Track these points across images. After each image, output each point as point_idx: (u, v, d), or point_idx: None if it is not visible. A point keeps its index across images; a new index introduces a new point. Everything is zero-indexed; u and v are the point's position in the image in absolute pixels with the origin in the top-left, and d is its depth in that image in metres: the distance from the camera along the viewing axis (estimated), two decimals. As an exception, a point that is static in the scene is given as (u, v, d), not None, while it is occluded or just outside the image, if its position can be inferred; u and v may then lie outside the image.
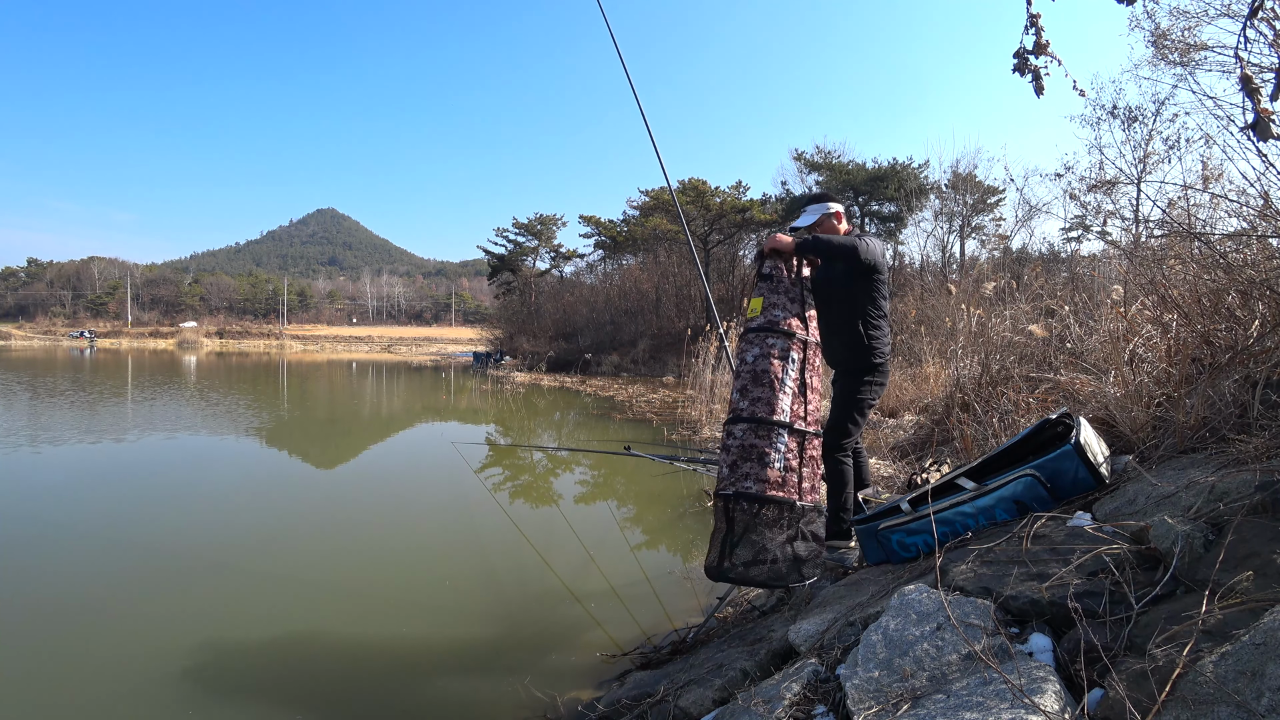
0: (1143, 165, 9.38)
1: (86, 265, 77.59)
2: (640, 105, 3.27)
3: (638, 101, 3.28)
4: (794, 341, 2.30)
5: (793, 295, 2.39)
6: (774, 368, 2.26)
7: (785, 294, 2.38)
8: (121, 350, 37.21)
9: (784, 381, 2.24)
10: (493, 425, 10.78)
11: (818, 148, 23.25)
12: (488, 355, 27.78)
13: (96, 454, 7.02)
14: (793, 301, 2.38)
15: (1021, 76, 1.60)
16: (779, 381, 2.24)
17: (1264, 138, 1.33)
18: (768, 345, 2.31)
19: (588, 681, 2.63)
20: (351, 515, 5.11)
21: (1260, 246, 2.64)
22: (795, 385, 2.26)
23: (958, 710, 1.22)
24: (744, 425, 2.25)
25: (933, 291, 11.89)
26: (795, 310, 2.37)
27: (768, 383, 2.26)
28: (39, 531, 4.40)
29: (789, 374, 2.25)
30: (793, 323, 2.34)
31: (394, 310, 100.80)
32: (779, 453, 2.19)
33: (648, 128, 3.24)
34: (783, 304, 2.36)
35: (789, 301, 2.37)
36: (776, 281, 2.42)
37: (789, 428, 2.22)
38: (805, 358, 2.32)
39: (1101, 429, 2.67)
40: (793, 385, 2.26)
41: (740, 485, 2.22)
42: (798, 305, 2.38)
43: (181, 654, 2.81)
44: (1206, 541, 1.48)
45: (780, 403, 2.22)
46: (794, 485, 2.20)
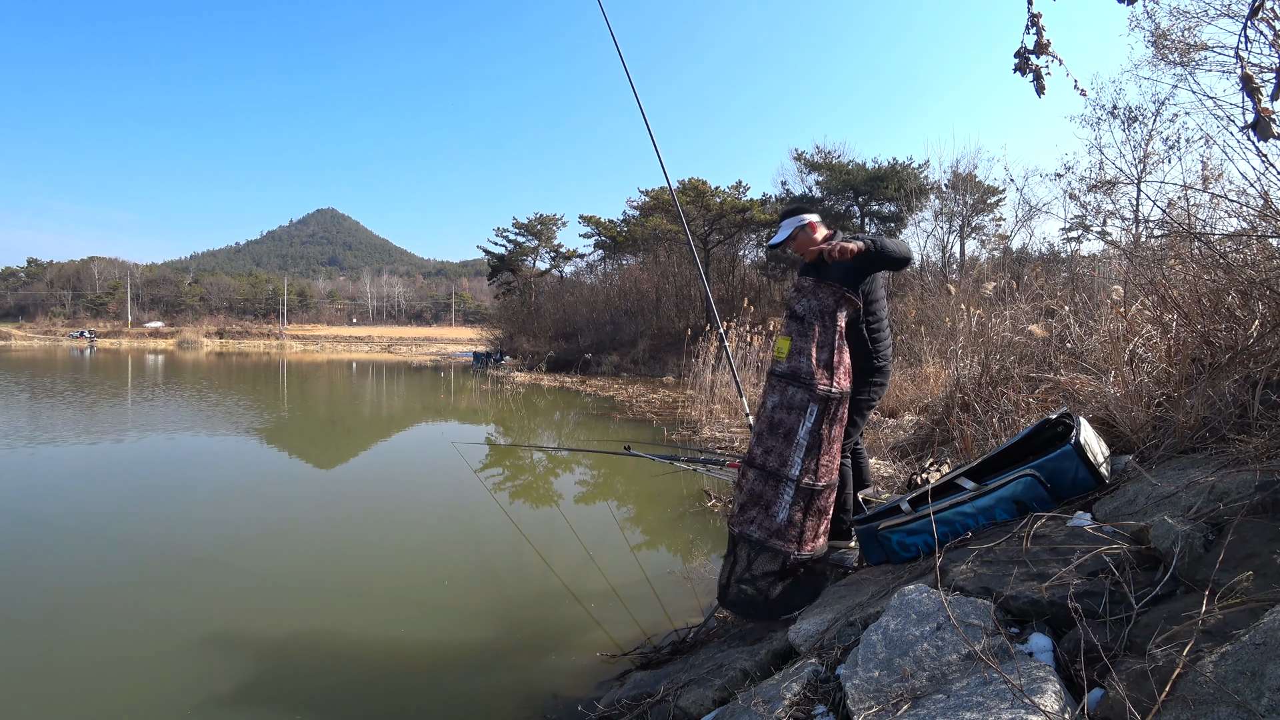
0: (1143, 165, 9.38)
1: (86, 265, 77.60)
2: (640, 105, 3.27)
3: (638, 101, 3.29)
4: (814, 396, 2.19)
5: (823, 342, 2.24)
6: (789, 420, 2.21)
7: (815, 341, 2.24)
8: (121, 350, 37.21)
9: (798, 436, 2.19)
10: (493, 425, 10.78)
11: (818, 148, 23.26)
12: (488, 355, 27.78)
13: (96, 454, 7.02)
14: (821, 349, 2.23)
15: (1023, 76, 1.60)
16: (793, 434, 2.19)
17: (1264, 137, 1.33)
18: (787, 395, 2.23)
19: (588, 681, 2.63)
20: (351, 515, 5.11)
21: (1260, 246, 2.64)
22: (809, 439, 2.19)
23: (958, 710, 1.22)
24: (755, 471, 2.26)
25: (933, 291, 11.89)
26: (824, 359, 2.22)
27: (782, 435, 2.22)
28: (39, 531, 4.40)
29: (804, 427, 2.19)
30: (818, 374, 2.21)
31: (394, 310, 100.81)
32: (784, 505, 2.20)
33: (648, 127, 3.24)
34: (809, 351, 2.23)
35: (817, 349, 2.23)
36: (808, 325, 2.28)
37: (797, 483, 2.19)
38: (825, 410, 2.20)
39: (1101, 429, 2.67)
40: (806, 439, 2.19)
41: (745, 528, 2.27)
42: (827, 353, 2.22)
43: (181, 653, 2.81)
44: (1206, 541, 1.48)
45: (792, 457, 2.19)
46: (794, 537, 2.21)
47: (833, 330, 2.27)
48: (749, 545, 2.27)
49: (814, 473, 2.21)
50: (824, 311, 2.28)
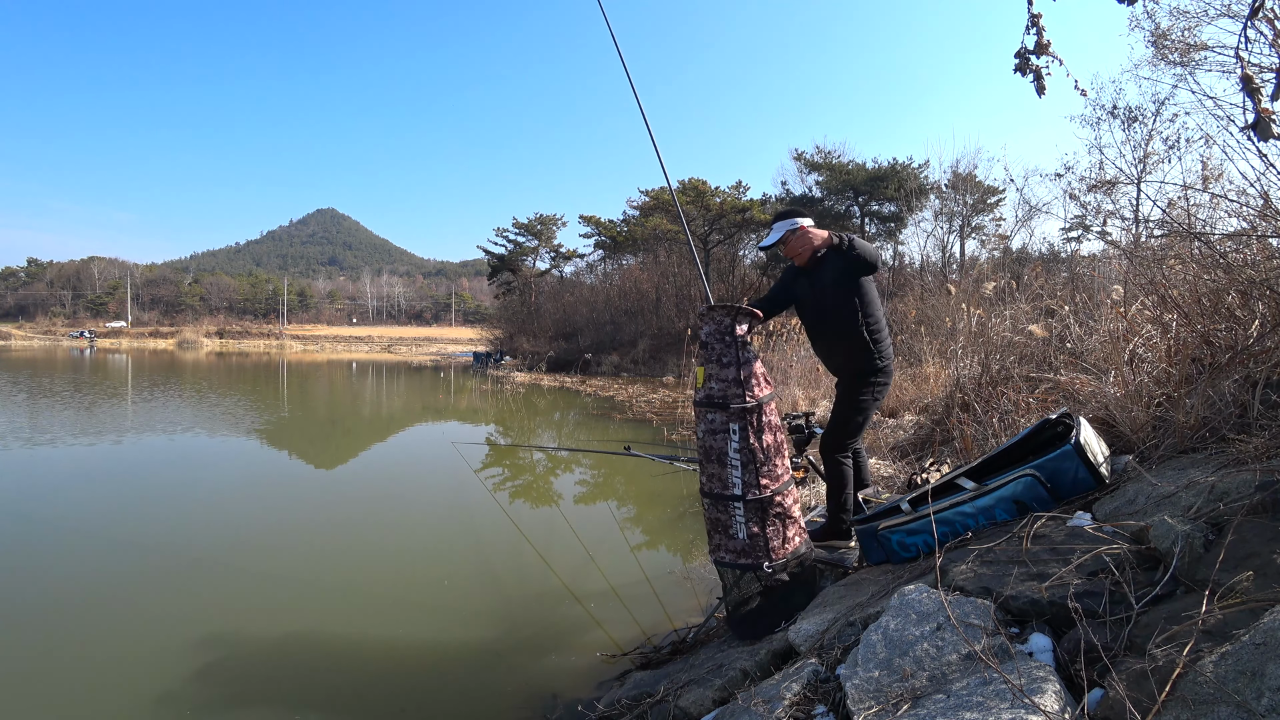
0: (1143, 165, 9.38)
1: (86, 265, 77.59)
2: (640, 105, 3.27)
3: (638, 101, 3.28)
4: (731, 412, 2.25)
5: (727, 359, 2.30)
6: (717, 444, 2.28)
7: (719, 360, 2.31)
8: (121, 350, 37.20)
9: (729, 456, 2.25)
10: (493, 425, 10.78)
11: (818, 148, 23.26)
12: (488, 355, 27.77)
13: (96, 454, 7.02)
14: (726, 366, 2.29)
15: (1023, 76, 1.60)
16: (725, 457, 2.26)
17: (1264, 137, 1.33)
18: (709, 420, 2.30)
19: (588, 681, 2.63)
20: (351, 515, 5.11)
21: (1260, 246, 2.64)
22: (740, 456, 2.24)
23: (958, 710, 1.22)
24: (708, 500, 2.34)
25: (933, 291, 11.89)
26: (732, 375, 2.28)
27: (715, 458, 2.28)
28: (39, 531, 4.40)
29: (731, 447, 2.25)
30: (730, 391, 2.27)
31: (394, 310, 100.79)
32: (739, 524, 2.26)
33: (648, 127, 3.24)
34: (718, 374, 2.30)
35: (722, 368, 2.30)
36: (711, 348, 2.34)
37: (743, 500, 2.25)
38: (747, 424, 2.25)
39: (1101, 429, 2.67)
40: (737, 457, 2.24)
41: (717, 555, 2.35)
42: (733, 369, 2.29)
43: (181, 653, 2.81)
44: (1206, 541, 1.48)
45: (730, 477, 2.25)
46: (760, 549, 2.26)
47: (734, 345, 2.32)
48: (728, 570, 2.34)
49: (756, 485, 2.25)
50: (723, 331, 2.33)
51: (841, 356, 2.77)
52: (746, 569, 2.27)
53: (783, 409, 8.28)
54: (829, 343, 2.81)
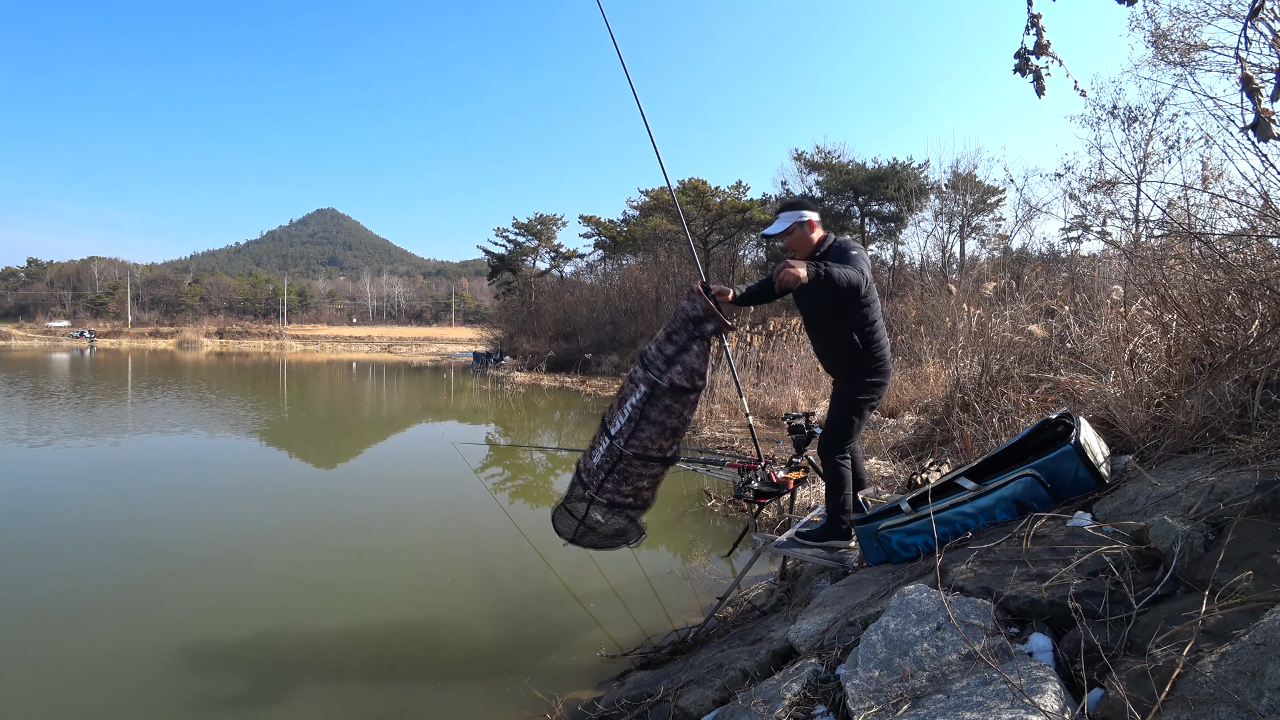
0: (1143, 165, 9.37)
1: (86, 265, 77.58)
2: (640, 105, 3.27)
3: (637, 101, 3.28)
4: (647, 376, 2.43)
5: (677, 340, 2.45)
6: (625, 390, 2.51)
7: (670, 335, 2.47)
8: (121, 350, 37.21)
9: (625, 406, 2.47)
10: (493, 425, 10.78)
11: (818, 148, 23.26)
12: (488, 355, 27.77)
13: (96, 454, 7.01)
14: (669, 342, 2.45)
15: (1023, 77, 1.60)
16: (623, 403, 2.48)
17: (1264, 138, 1.33)
18: (633, 369, 2.52)
19: (588, 681, 2.63)
20: (352, 515, 5.11)
21: (1260, 246, 2.64)
22: (633, 412, 2.44)
23: (958, 710, 1.22)
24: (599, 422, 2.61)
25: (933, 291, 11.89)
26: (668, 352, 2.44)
27: (618, 401, 2.52)
28: (39, 531, 4.40)
29: (631, 401, 2.46)
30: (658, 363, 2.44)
31: (394, 310, 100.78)
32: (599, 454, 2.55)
33: (648, 127, 3.24)
34: (661, 341, 2.47)
35: (665, 340, 2.46)
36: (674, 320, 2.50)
37: (611, 443, 2.48)
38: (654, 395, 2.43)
39: (1101, 429, 2.67)
40: (631, 411, 2.44)
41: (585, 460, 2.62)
42: (671, 347, 2.45)
43: (181, 653, 2.81)
44: (1206, 541, 1.48)
45: (617, 420, 2.49)
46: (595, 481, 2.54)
47: (688, 334, 2.45)
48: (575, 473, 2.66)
49: (624, 440, 2.46)
50: (690, 315, 2.46)
51: (835, 358, 2.76)
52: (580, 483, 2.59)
53: (782, 409, 8.28)
54: (824, 343, 2.81)
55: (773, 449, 5.74)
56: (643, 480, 2.53)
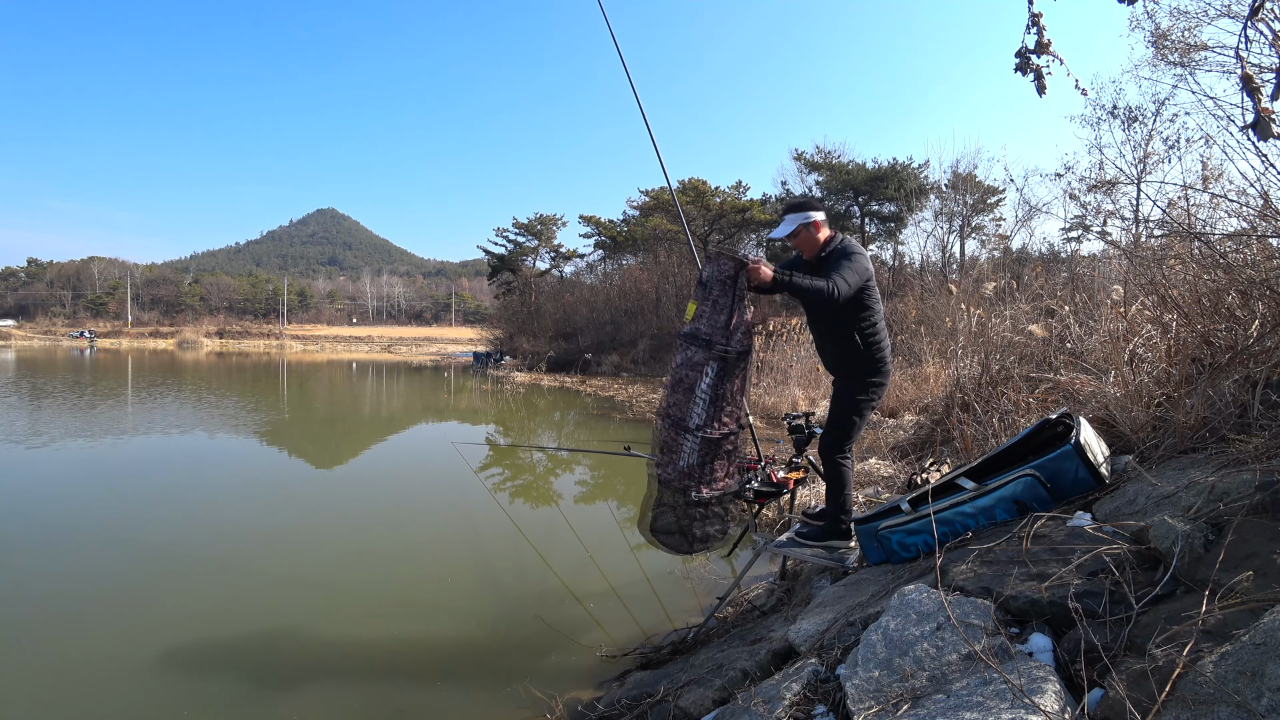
0: (1143, 165, 9.38)
1: (86, 265, 77.56)
2: (640, 104, 3.27)
3: (638, 101, 3.29)
4: (712, 353, 2.37)
5: (721, 304, 2.41)
6: (691, 378, 2.40)
7: (714, 303, 2.42)
8: (121, 350, 37.22)
9: (699, 391, 2.38)
10: (493, 425, 10.78)
11: (818, 148, 23.26)
12: (488, 355, 27.77)
13: (96, 454, 7.01)
14: (719, 311, 2.40)
15: (1024, 76, 1.60)
16: (693, 391, 2.38)
17: (1264, 137, 1.33)
18: (688, 355, 2.42)
19: (588, 681, 2.63)
20: (352, 515, 5.11)
21: (1260, 246, 2.64)
22: (709, 394, 2.37)
23: (958, 710, 1.22)
24: (665, 423, 2.50)
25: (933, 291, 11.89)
26: (722, 320, 2.39)
27: (684, 390, 2.41)
28: (38, 531, 4.40)
29: (704, 384, 2.37)
30: (715, 335, 2.38)
31: (394, 310, 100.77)
32: (687, 454, 2.42)
33: (648, 127, 3.24)
34: (709, 314, 2.41)
35: (715, 312, 2.40)
36: (709, 290, 2.45)
37: (699, 434, 2.39)
38: (724, 369, 2.38)
39: (1101, 429, 2.67)
40: (706, 395, 2.37)
41: (663, 470, 2.50)
42: (724, 314, 2.40)
43: (181, 653, 2.81)
44: (1206, 541, 1.47)
45: (694, 410, 2.38)
46: (696, 479, 2.44)
47: (731, 293, 2.42)
48: (660, 485, 2.51)
49: (713, 424, 2.40)
50: (724, 278, 2.43)
51: (835, 357, 2.77)
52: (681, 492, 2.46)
53: (782, 409, 8.28)
54: (825, 342, 2.82)
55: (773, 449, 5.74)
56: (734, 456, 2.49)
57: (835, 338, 2.72)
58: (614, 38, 3.27)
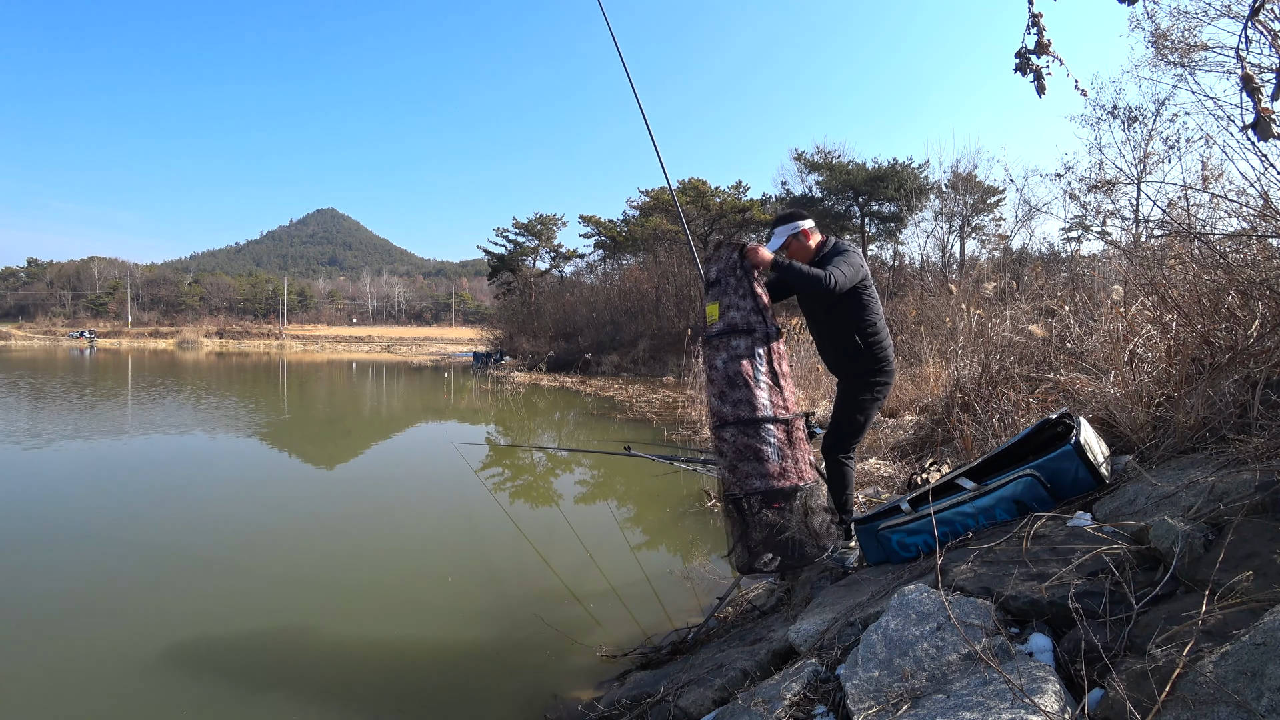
0: (1143, 165, 9.38)
1: (86, 265, 77.56)
2: (640, 104, 3.27)
3: (638, 100, 3.29)
4: (755, 337, 2.32)
5: (742, 291, 2.39)
6: (745, 368, 2.31)
7: (735, 293, 2.39)
8: (121, 350, 37.22)
9: (757, 378, 2.30)
10: (493, 425, 10.78)
11: (818, 148, 23.26)
12: (488, 355, 27.78)
13: (96, 453, 7.02)
14: (744, 298, 2.38)
15: (1023, 76, 1.60)
16: (753, 380, 2.30)
17: (1265, 137, 1.33)
18: (733, 348, 2.35)
19: (588, 681, 2.63)
20: (352, 515, 5.11)
21: (1260, 246, 2.64)
22: (769, 379, 2.31)
23: (958, 710, 1.22)
24: (733, 429, 2.31)
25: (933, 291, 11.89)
26: (750, 305, 2.37)
27: (743, 383, 2.30)
28: (38, 531, 4.40)
29: (760, 369, 2.31)
30: (751, 319, 2.35)
31: (394, 310, 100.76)
32: (772, 446, 2.26)
33: (648, 127, 3.24)
34: (735, 304, 2.38)
35: (740, 299, 2.38)
36: (725, 284, 2.42)
37: (774, 420, 2.28)
38: (770, 349, 2.34)
39: (1101, 429, 2.67)
40: (766, 379, 2.30)
41: (746, 485, 2.28)
42: (750, 300, 2.37)
43: (181, 653, 2.81)
44: (1206, 541, 1.48)
45: (759, 399, 2.28)
46: (793, 470, 2.28)
47: (746, 279, 2.40)
48: (757, 500, 2.28)
49: (784, 407, 2.32)
50: (734, 265, 2.42)
51: (836, 359, 2.78)
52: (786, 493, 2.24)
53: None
54: (825, 342, 2.82)
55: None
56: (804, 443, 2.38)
57: (835, 339, 2.72)
58: (614, 37, 3.27)
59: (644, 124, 3.24)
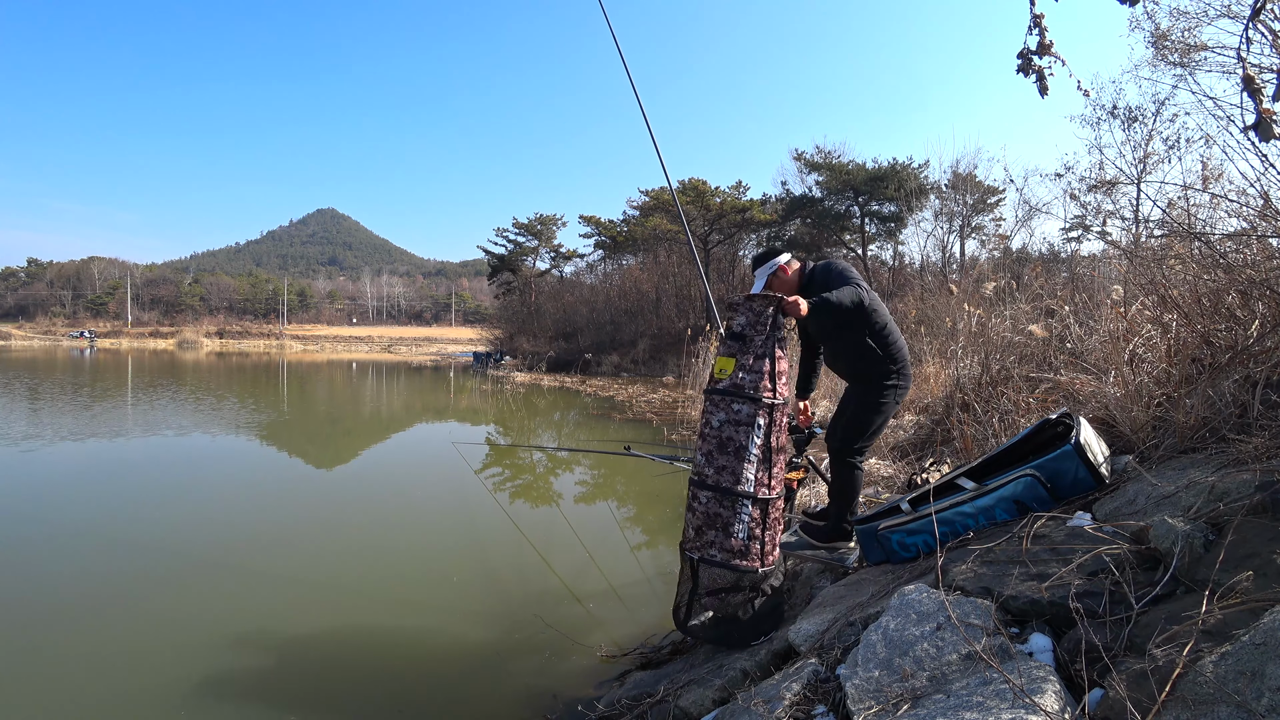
0: (1143, 165, 9.38)
1: (86, 265, 77.53)
2: (641, 104, 3.28)
3: (638, 100, 3.29)
4: (761, 408, 2.20)
5: (762, 353, 2.25)
6: (738, 436, 2.21)
7: (754, 353, 2.26)
8: (121, 350, 37.21)
9: (749, 449, 2.18)
10: (493, 425, 10.78)
11: (818, 147, 23.22)
12: (488, 355, 27.78)
13: (97, 453, 7.01)
14: (760, 359, 2.25)
15: (1025, 77, 1.60)
16: (744, 450, 2.19)
17: (1266, 138, 1.33)
18: (734, 411, 2.23)
19: (588, 681, 2.63)
20: (352, 515, 5.11)
21: (1260, 246, 2.64)
22: (761, 451, 2.19)
23: (958, 710, 1.22)
24: (708, 493, 2.24)
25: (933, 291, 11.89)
26: (765, 369, 2.23)
27: (733, 450, 2.21)
28: (39, 531, 4.40)
29: (755, 441, 2.19)
30: (762, 385, 2.21)
31: (394, 310, 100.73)
32: (743, 523, 2.19)
33: (648, 127, 3.24)
34: (749, 365, 2.25)
35: (756, 360, 2.25)
36: (748, 340, 2.28)
37: (753, 498, 2.19)
38: (772, 421, 2.22)
39: (1101, 429, 2.67)
40: (758, 453, 2.19)
41: (705, 552, 2.24)
42: (767, 362, 2.24)
43: (181, 653, 2.81)
44: (1206, 541, 1.48)
45: (745, 472, 2.18)
46: (756, 553, 2.21)
47: (772, 337, 2.26)
48: (709, 568, 2.25)
49: (768, 485, 2.21)
50: (763, 321, 2.28)
51: (852, 367, 2.70)
52: (737, 571, 2.21)
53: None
54: (840, 358, 2.76)
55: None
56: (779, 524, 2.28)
57: (851, 350, 2.64)
58: (614, 37, 3.27)
59: (645, 123, 3.25)
